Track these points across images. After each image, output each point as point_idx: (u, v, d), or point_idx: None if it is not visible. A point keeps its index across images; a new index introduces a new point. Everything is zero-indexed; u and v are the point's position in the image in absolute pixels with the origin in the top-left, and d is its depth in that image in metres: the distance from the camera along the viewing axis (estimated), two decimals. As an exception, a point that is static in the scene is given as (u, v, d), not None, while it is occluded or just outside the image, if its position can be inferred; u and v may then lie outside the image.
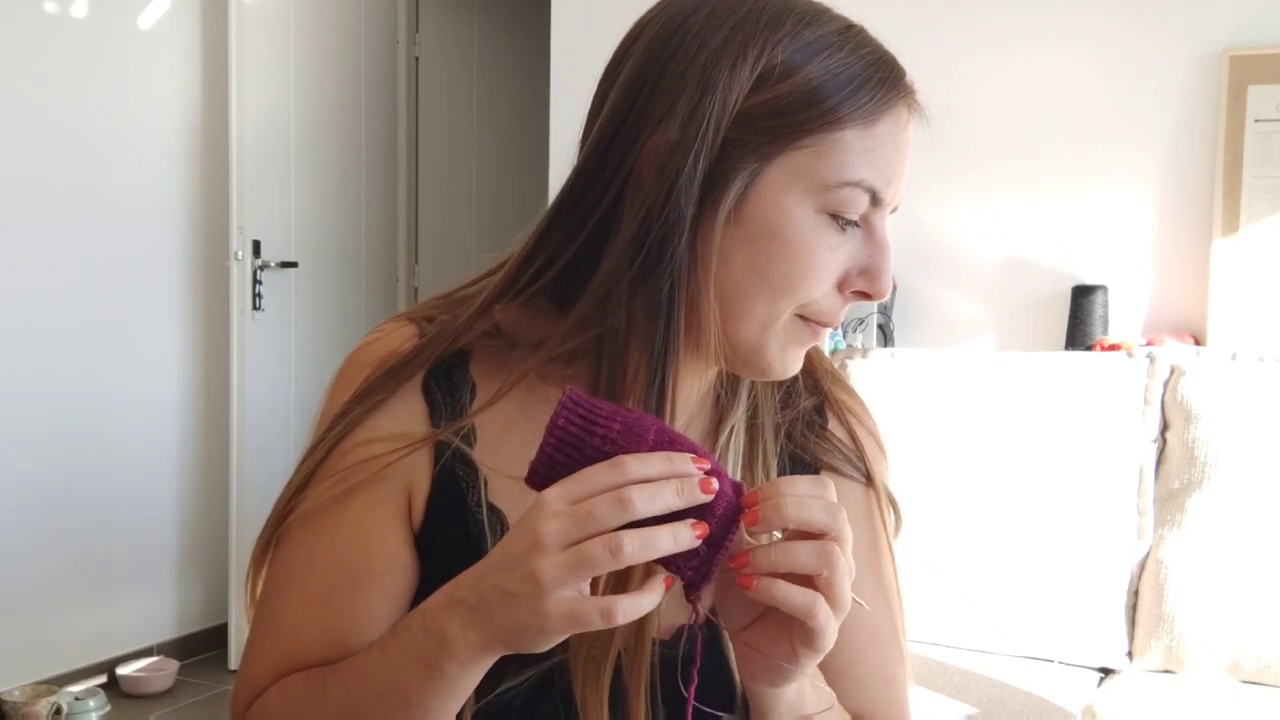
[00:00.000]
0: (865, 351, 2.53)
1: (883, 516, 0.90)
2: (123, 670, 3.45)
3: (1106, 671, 2.15)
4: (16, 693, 3.02)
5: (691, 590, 0.66)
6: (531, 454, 0.67)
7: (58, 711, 2.99)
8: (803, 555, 0.65)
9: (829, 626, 0.66)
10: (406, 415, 0.82)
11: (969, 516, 2.25)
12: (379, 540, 0.81)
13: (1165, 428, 2.24)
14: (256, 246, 3.72)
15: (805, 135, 0.76)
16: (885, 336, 3.10)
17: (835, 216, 0.77)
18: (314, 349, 3.96)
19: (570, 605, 0.62)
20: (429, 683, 0.69)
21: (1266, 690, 2.02)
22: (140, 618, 3.61)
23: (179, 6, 3.64)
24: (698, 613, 0.66)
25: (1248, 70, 2.84)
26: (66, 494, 3.37)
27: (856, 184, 0.76)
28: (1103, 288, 2.93)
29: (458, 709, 0.72)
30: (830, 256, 0.77)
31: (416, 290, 4.48)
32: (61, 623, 3.37)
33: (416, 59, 4.44)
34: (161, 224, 3.64)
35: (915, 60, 0.90)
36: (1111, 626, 2.15)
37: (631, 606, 0.63)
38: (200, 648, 3.76)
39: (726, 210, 0.77)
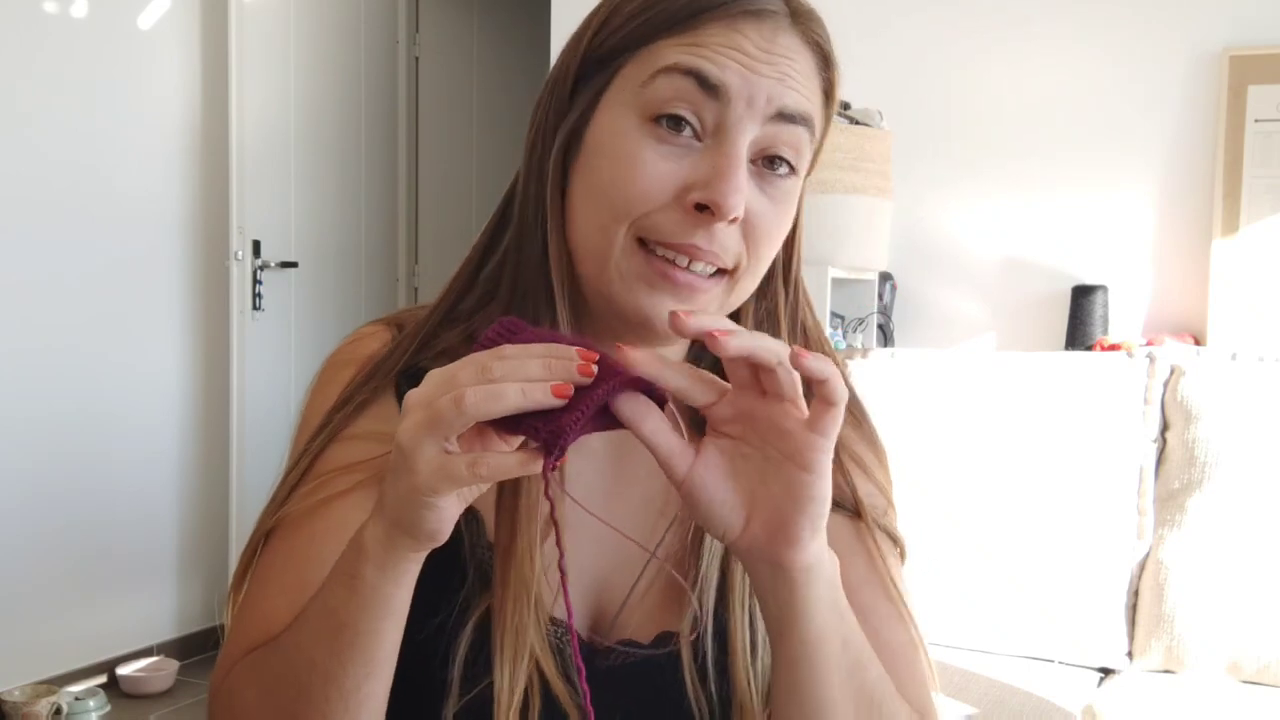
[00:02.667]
0: (865, 351, 2.53)
1: (877, 547, 0.87)
2: (123, 670, 3.45)
3: (1106, 671, 2.15)
4: (16, 693, 3.02)
5: (546, 456, 0.61)
6: None
7: (58, 711, 2.99)
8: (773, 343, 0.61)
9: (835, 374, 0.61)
10: (383, 414, 0.84)
11: (969, 516, 2.25)
12: (352, 531, 0.81)
13: (1165, 428, 2.24)
14: (256, 246, 3.72)
15: (625, 53, 0.76)
16: (885, 336, 3.10)
17: (659, 121, 0.74)
18: (314, 349, 3.96)
19: (438, 461, 0.60)
20: (353, 595, 0.67)
21: (1266, 690, 2.02)
22: (140, 618, 3.61)
23: (179, 6, 3.64)
24: (546, 481, 0.61)
25: (1248, 70, 2.85)
26: (67, 494, 3.37)
27: (671, 67, 0.74)
28: (1103, 288, 2.93)
29: (391, 634, 0.69)
30: (661, 165, 0.74)
31: (416, 290, 4.48)
32: (61, 623, 3.37)
33: (416, 59, 4.44)
34: (161, 224, 3.64)
35: (916, 61, 0.90)
36: (1111, 626, 2.15)
37: (497, 461, 0.60)
38: (200, 648, 3.76)
39: (563, 140, 0.78)
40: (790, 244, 0.85)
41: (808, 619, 0.67)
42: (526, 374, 0.59)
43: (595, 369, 0.60)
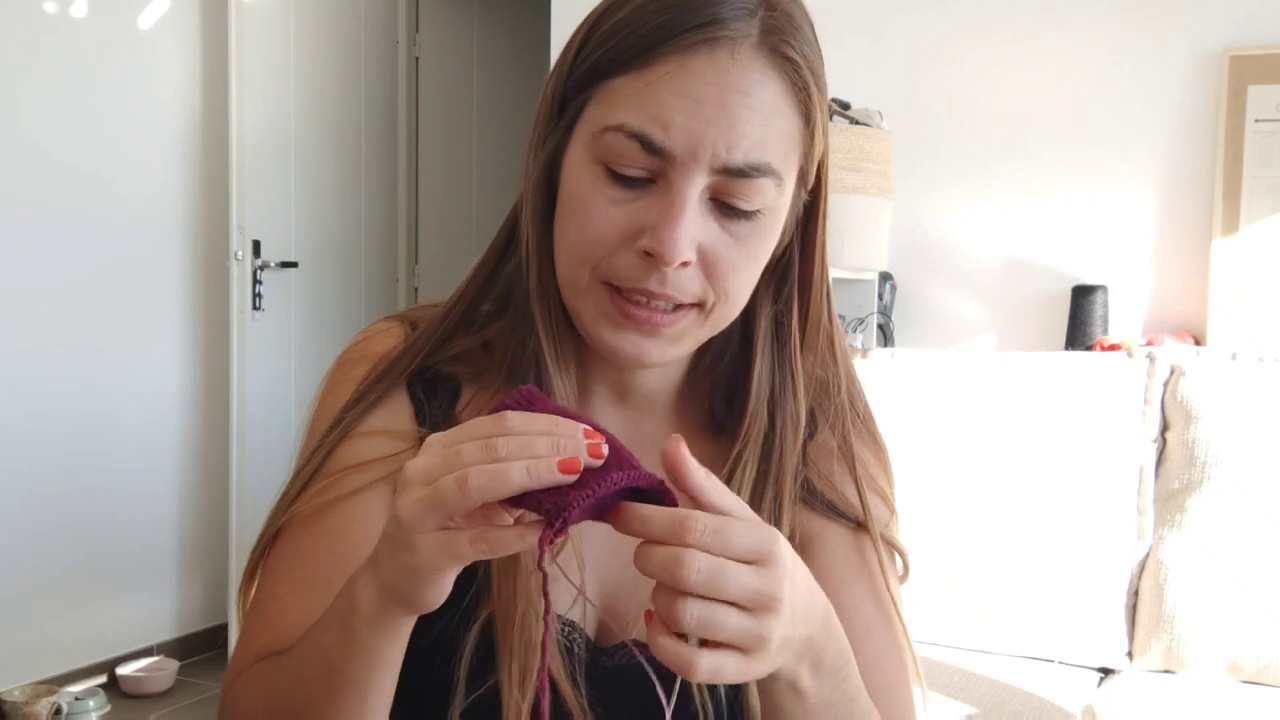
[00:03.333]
0: (865, 351, 2.53)
1: (880, 561, 0.87)
2: (123, 670, 3.45)
3: (1106, 671, 2.15)
4: (16, 693, 3.01)
5: (546, 528, 0.58)
6: None
7: (58, 711, 2.99)
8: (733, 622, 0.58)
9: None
10: (395, 412, 0.84)
11: (969, 516, 2.25)
12: (365, 531, 0.82)
13: (1165, 428, 2.24)
14: (256, 246, 3.72)
15: (591, 87, 0.76)
16: (885, 336, 3.10)
17: (610, 168, 0.74)
18: (314, 349, 3.96)
19: (439, 538, 0.58)
20: (346, 647, 0.66)
21: (1266, 690, 2.02)
22: (140, 618, 3.61)
23: (179, 6, 3.64)
24: (541, 553, 0.58)
25: (1248, 70, 2.85)
26: (67, 494, 3.37)
27: (618, 128, 0.73)
28: (1103, 288, 2.93)
29: (384, 683, 0.68)
30: (612, 210, 0.74)
31: (416, 290, 4.48)
32: (61, 623, 3.37)
33: (416, 59, 4.44)
34: (161, 224, 3.64)
35: (916, 61, 0.89)
36: (1111, 626, 2.15)
37: (499, 539, 0.58)
38: (200, 648, 3.76)
39: (544, 167, 0.79)
40: (807, 249, 0.84)
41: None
42: (533, 452, 0.57)
43: (605, 450, 0.58)
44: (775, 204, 0.77)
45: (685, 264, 0.73)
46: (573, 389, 0.83)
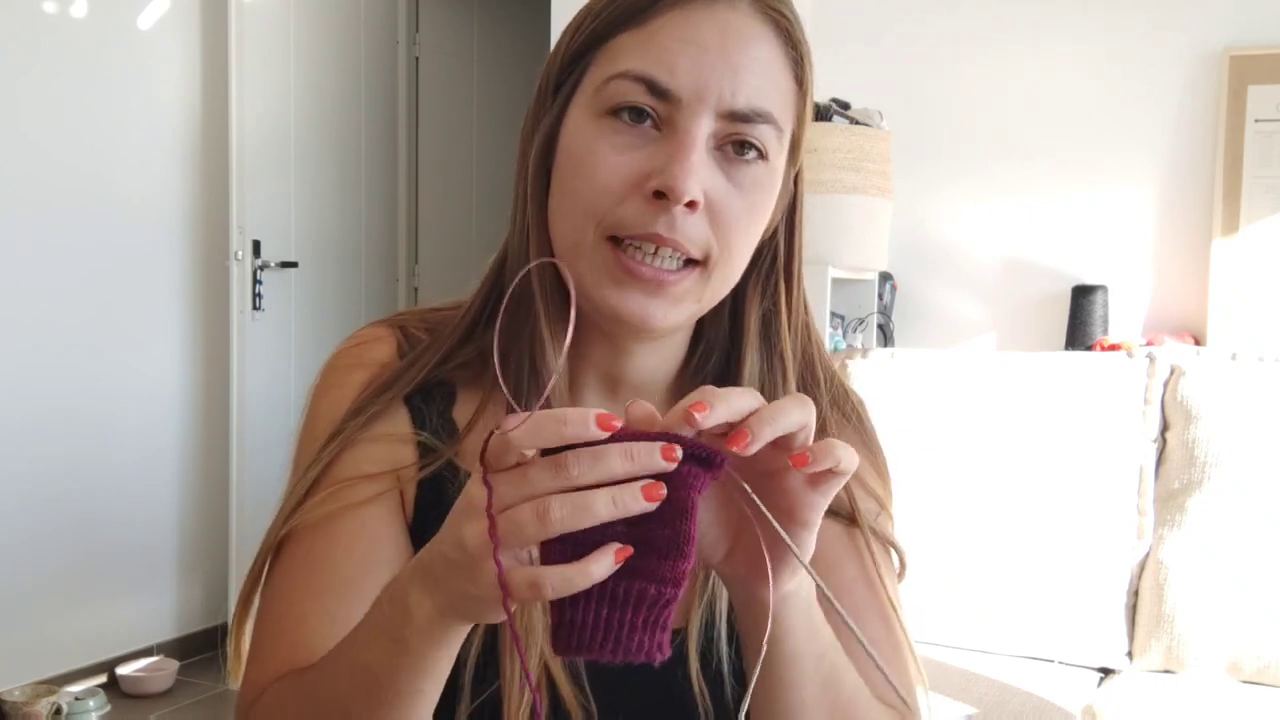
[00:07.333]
0: (865, 351, 2.53)
1: (870, 552, 0.87)
2: (123, 670, 3.45)
3: (1106, 671, 2.15)
4: (16, 693, 3.01)
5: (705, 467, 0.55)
6: None
7: (58, 711, 2.99)
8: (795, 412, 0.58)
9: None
10: (393, 420, 0.84)
11: (969, 516, 2.25)
12: (381, 532, 0.81)
13: (1165, 428, 2.24)
14: (256, 246, 3.72)
15: (590, 51, 0.77)
16: (885, 336, 3.10)
17: (616, 114, 0.75)
18: (314, 349, 3.96)
19: (514, 574, 0.56)
20: (395, 658, 0.64)
21: (1266, 690, 2.02)
22: (140, 618, 3.61)
23: (179, 6, 3.64)
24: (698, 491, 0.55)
25: (1248, 70, 2.85)
26: (67, 494, 3.37)
27: (623, 74, 0.74)
28: (1103, 288, 2.93)
29: (430, 694, 0.66)
30: (618, 158, 0.75)
31: (416, 290, 4.48)
32: (61, 623, 3.37)
33: (416, 59, 4.44)
34: (161, 224, 3.64)
35: (916, 61, 0.89)
36: (1111, 626, 2.15)
37: (560, 579, 0.53)
38: (200, 648, 3.76)
39: (540, 143, 0.79)
40: (791, 239, 0.85)
41: (782, 640, 0.68)
42: (610, 472, 0.54)
43: (679, 453, 0.54)
44: (776, 161, 0.78)
45: (693, 205, 0.74)
46: (564, 373, 0.82)
